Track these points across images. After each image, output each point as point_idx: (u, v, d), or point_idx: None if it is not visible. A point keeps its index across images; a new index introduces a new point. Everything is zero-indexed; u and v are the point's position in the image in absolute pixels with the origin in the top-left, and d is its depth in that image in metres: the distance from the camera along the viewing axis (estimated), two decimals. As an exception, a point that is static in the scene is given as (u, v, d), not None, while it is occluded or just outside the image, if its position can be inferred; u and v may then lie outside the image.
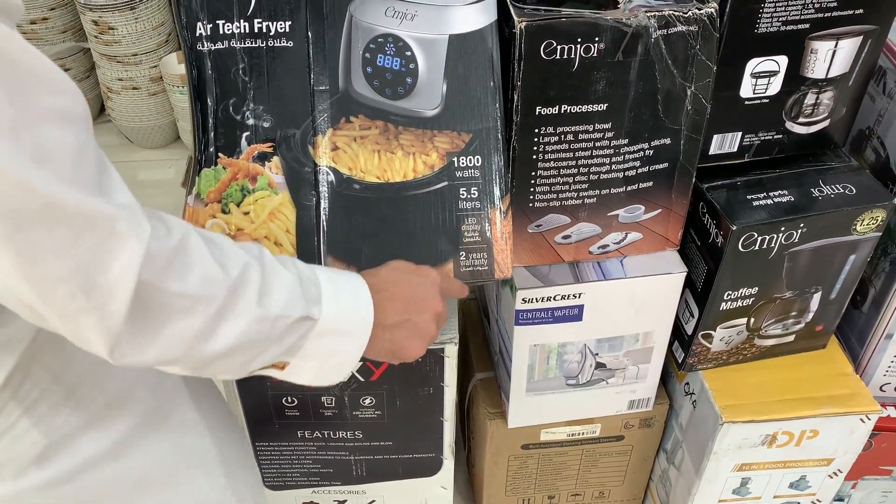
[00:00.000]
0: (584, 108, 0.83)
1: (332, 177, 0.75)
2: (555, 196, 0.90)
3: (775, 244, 0.93)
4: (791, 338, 1.06)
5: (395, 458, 1.06)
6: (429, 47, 0.73)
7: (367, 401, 0.98)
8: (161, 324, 0.54)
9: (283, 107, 0.74)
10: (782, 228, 0.91)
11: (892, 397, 1.12)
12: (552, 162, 0.87)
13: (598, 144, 0.86)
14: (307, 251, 0.78)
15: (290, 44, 0.73)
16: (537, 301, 0.95)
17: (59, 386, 0.65)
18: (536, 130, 0.84)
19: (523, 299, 0.95)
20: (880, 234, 0.95)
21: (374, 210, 0.77)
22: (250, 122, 0.74)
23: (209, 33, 0.74)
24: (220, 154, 0.75)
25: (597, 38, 0.78)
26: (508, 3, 0.80)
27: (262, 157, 0.75)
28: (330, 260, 0.78)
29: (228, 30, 0.73)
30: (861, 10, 0.85)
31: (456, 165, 0.77)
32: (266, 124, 0.74)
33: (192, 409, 0.78)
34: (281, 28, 0.72)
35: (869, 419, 1.02)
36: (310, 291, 0.63)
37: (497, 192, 0.79)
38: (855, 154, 1.03)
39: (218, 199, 0.75)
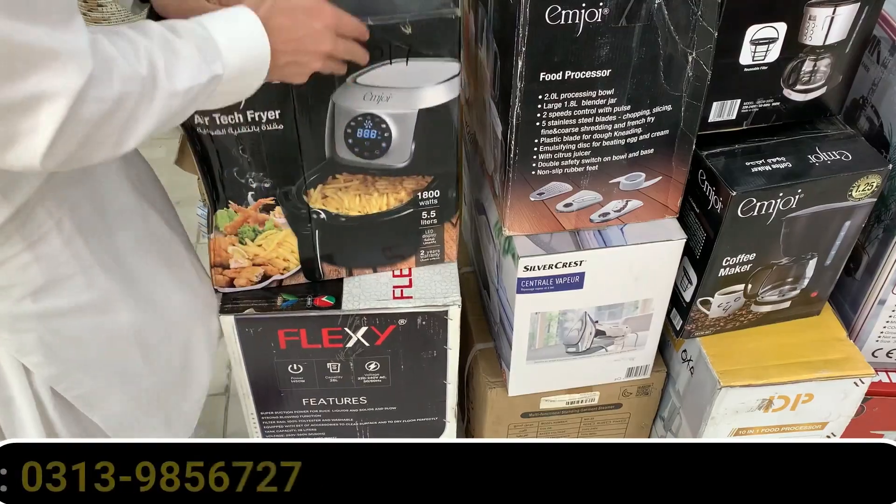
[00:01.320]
0: (588, 74, 0.83)
1: (323, 215, 0.92)
2: (557, 164, 0.90)
3: (773, 210, 0.94)
4: (787, 304, 1.08)
5: (399, 422, 1.07)
6: (401, 120, 0.86)
7: (373, 365, 0.99)
8: (87, 133, 0.60)
9: (280, 172, 0.87)
10: (780, 194, 0.93)
11: (885, 362, 1.14)
12: (555, 129, 0.87)
13: (600, 111, 0.87)
14: (308, 264, 0.97)
15: (281, 127, 0.83)
16: (539, 269, 0.96)
17: (59, 233, 0.76)
18: (540, 97, 0.84)
19: (525, 267, 0.96)
20: (875, 199, 0.96)
21: (356, 232, 0.95)
22: (253, 184, 0.88)
23: (206, 123, 0.82)
24: (230, 201, 0.89)
25: (601, 3, 0.78)
26: (512, -32, 0.80)
27: (267, 208, 0.90)
28: (324, 266, 0.97)
29: (224, 121, 0.82)
30: (859, -23, 0.86)
31: (420, 198, 0.93)
32: (267, 185, 0.88)
33: (192, 270, 0.93)
34: (272, 115, 0.82)
35: (863, 382, 1.04)
36: (209, 53, 0.68)
37: (449, 212, 0.97)
38: (849, 122, 1.04)
39: (234, 233, 0.91)
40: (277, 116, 0.82)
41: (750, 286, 1.03)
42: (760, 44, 0.90)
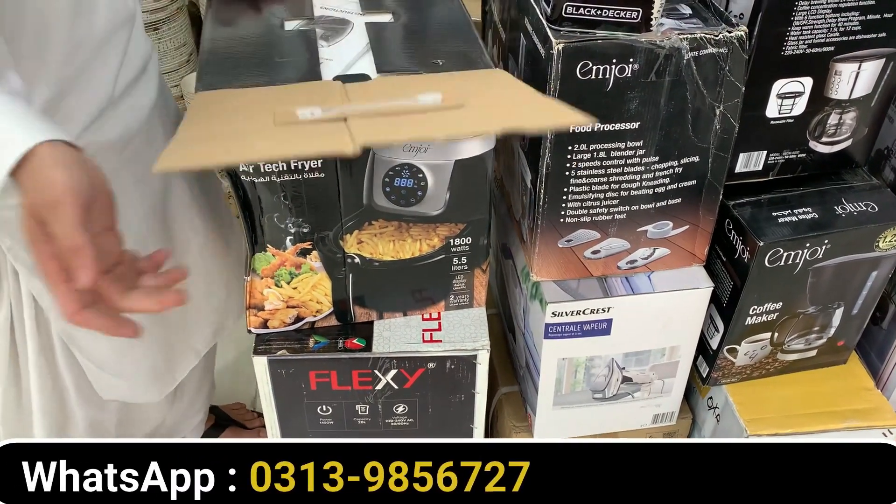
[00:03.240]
0: (617, 126, 0.85)
1: (357, 259, 0.94)
2: (585, 212, 0.92)
3: (800, 260, 0.95)
4: (813, 353, 1.09)
5: (425, 467, 1.07)
6: (437, 170, 0.89)
7: (401, 408, 1.00)
8: None
9: (319, 218, 0.90)
10: (807, 244, 0.94)
11: (913, 413, 1.14)
12: (584, 179, 0.89)
13: (629, 162, 0.88)
14: (340, 306, 0.99)
15: (322, 175, 0.85)
16: (567, 315, 0.97)
17: None
18: (569, 148, 0.87)
19: (553, 313, 0.97)
20: (902, 251, 0.97)
21: (389, 276, 0.97)
22: (293, 229, 0.90)
23: (251, 170, 0.84)
24: (268, 245, 0.91)
25: (631, 60, 0.81)
26: (545, 24, 0.83)
27: (304, 252, 0.93)
28: (356, 308, 1.00)
29: (268, 168, 0.84)
30: (884, 34, 0.88)
31: (452, 245, 0.96)
32: (305, 230, 0.90)
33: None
34: (314, 164, 0.85)
35: (891, 433, 1.04)
36: None
37: (480, 259, 0.98)
38: (874, 173, 1.06)
39: (271, 276, 0.94)
40: (319, 165, 0.84)
41: (776, 334, 1.04)
42: (787, 98, 0.91)
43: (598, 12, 0.81)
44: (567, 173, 0.89)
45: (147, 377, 1.09)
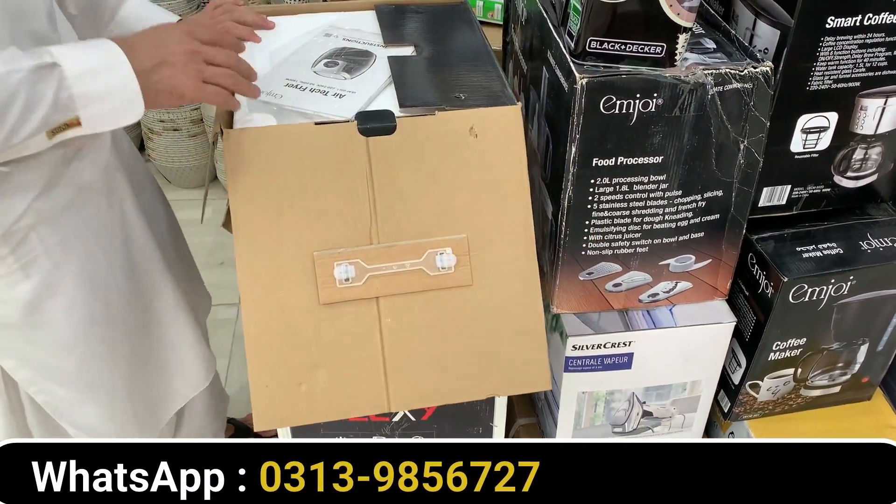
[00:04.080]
0: (640, 160, 0.85)
1: None
2: (607, 245, 0.91)
3: (825, 296, 0.94)
4: (837, 389, 1.07)
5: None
6: None
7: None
8: None
9: None
10: (832, 280, 0.92)
11: (939, 451, 1.11)
12: (606, 212, 0.89)
13: (652, 195, 0.88)
14: None
15: None
16: (587, 348, 0.96)
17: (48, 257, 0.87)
18: (592, 181, 0.86)
19: (574, 346, 0.96)
20: (928, 287, 0.96)
21: None
22: None
23: None
24: None
25: (655, 94, 0.80)
26: (568, 58, 0.83)
27: None
28: None
29: None
30: (911, 70, 0.87)
31: None
32: None
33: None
34: None
35: (918, 473, 1.02)
36: (35, 52, 0.71)
37: None
38: (899, 208, 1.05)
39: None
40: None
41: (800, 370, 1.02)
42: (811, 132, 0.91)
43: (623, 47, 0.81)
44: (589, 206, 0.88)
45: (132, 428, 1.07)
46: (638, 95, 0.80)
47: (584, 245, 0.91)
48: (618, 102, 0.81)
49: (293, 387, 0.80)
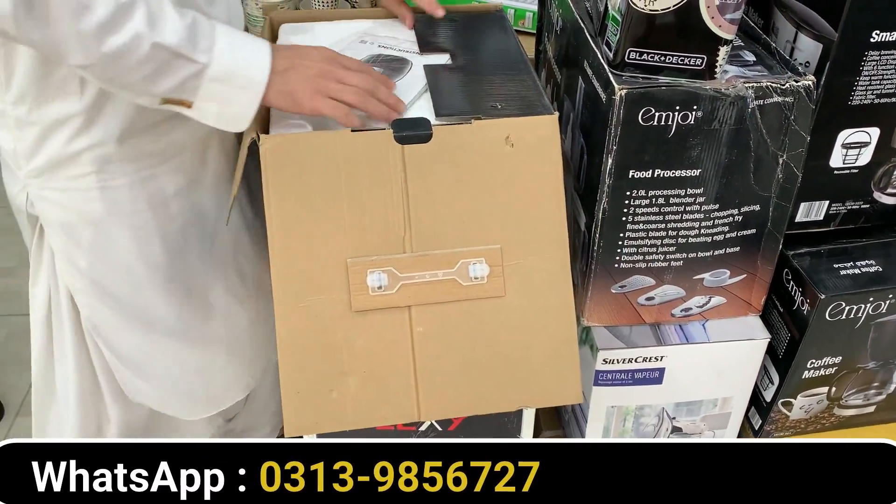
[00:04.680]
0: (677, 173, 0.84)
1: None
2: (641, 258, 0.90)
3: (862, 314, 0.92)
4: (871, 409, 1.05)
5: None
6: None
7: (446, 454, 0.98)
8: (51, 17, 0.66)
9: None
10: (871, 299, 0.91)
11: (975, 475, 1.09)
12: (641, 224, 0.88)
13: (688, 209, 0.87)
14: None
15: None
16: (618, 362, 0.95)
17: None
18: (628, 193, 0.85)
19: (604, 360, 0.95)
20: (969, 307, 0.94)
21: None
22: None
23: None
24: None
25: (695, 107, 0.79)
26: (606, 69, 0.82)
27: None
28: None
29: None
30: (956, 85, 0.86)
31: None
32: None
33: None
34: None
35: (955, 497, 1.00)
36: (201, 41, 0.73)
37: None
38: (939, 225, 1.03)
39: None
40: None
41: (834, 389, 1.01)
42: (852, 147, 0.89)
43: (662, 59, 0.80)
44: (624, 218, 0.87)
45: (179, 393, 1.06)
46: (677, 108, 0.79)
47: (618, 258, 0.90)
48: (656, 114, 0.80)
49: (324, 393, 0.80)
